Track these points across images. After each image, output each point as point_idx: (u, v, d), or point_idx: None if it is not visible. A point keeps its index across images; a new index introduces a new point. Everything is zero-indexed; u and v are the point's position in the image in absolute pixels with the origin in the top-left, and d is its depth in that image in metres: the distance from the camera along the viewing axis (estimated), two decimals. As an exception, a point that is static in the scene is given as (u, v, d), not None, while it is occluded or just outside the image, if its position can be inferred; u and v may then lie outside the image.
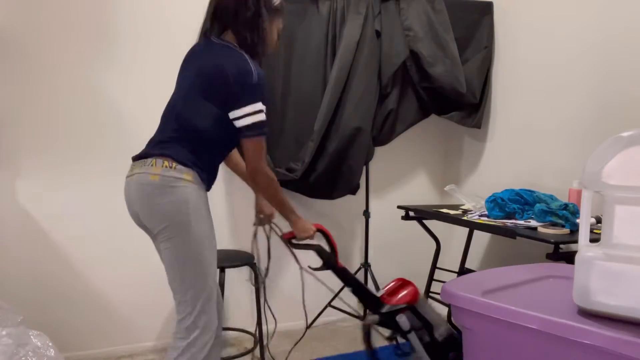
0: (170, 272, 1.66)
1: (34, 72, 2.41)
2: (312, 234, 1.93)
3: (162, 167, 1.61)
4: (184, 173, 1.61)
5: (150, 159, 1.64)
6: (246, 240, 2.88)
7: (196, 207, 1.63)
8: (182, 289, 1.65)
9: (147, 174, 1.61)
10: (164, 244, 1.64)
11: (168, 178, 1.59)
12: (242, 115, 1.64)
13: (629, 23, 2.17)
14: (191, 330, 1.64)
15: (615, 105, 2.23)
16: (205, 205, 1.69)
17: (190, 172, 1.63)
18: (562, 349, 1.20)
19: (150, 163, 1.63)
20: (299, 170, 2.72)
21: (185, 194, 1.60)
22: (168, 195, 1.59)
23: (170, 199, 1.59)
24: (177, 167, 1.61)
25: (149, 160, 1.64)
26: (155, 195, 1.60)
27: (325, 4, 2.77)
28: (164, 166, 1.61)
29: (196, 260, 1.64)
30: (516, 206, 2.20)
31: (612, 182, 1.23)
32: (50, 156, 2.46)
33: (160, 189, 1.60)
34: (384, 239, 3.26)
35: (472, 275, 1.70)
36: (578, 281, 1.26)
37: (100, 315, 2.59)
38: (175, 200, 1.59)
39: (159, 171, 1.60)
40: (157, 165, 1.61)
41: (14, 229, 2.42)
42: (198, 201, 1.64)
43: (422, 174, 3.36)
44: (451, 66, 2.81)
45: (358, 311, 3.08)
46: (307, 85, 2.77)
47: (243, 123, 1.64)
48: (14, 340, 1.72)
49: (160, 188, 1.60)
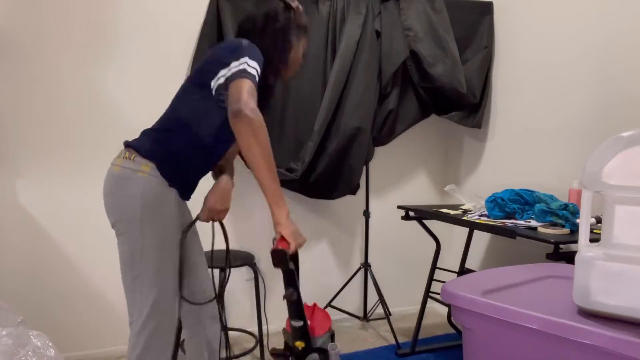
0: (121, 270, 1.54)
1: (34, 73, 2.41)
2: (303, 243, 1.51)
3: (123, 158, 1.52)
4: (142, 165, 1.49)
5: (122, 149, 1.58)
6: (246, 241, 2.90)
7: (152, 201, 1.48)
8: (130, 289, 1.53)
9: (112, 165, 1.55)
10: (117, 239, 1.54)
11: (125, 170, 1.50)
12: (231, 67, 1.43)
13: (630, 23, 2.17)
14: (140, 336, 1.51)
15: (615, 106, 2.23)
16: (164, 202, 1.51)
17: (149, 164, 1.49)
18: (562, 349, 1.20)
19: (119, 154, 1.57)
20: (299, 170, 2.72)
21: (140, 187, 1.48)
22: (123, 188, 1.49)
23: (124, 192, 1.49)
24: (136, 159, 1.50)
25: (120, 151, 1.58)
26: (112, 187, 1.52)
27: (325, 4, 2.77)
28: (124, 157, 1.52)
29: (145, 259, 1.50)
30: (516, 206, 2.20)
31: (612, 182, 1.23)
32: (50, 156, 2.46)
33: (118, 180, 1.51)
34: (384, 239, 3.26)
35: (472, 275, 1.70)
36: (578, 281, 1.26)
37: (100, 315, 2.59)
38: (128, 194, 1.48)
39: (120, 162, 1.53)
40: (120, 157, 1.55)
41: (14, 228, 2.42)
42: (155, 196, 1.49)
43: (422, 174, 3.36)
44: (451, 66, 2.81)
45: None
46: (307, 85, 2.76)
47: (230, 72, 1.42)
48: (14, 340, 1.71)
49: (118, 180, 1.51)
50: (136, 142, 1.56)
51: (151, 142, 1.53)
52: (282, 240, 1.45)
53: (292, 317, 1.58)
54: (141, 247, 1.50)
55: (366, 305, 3.14)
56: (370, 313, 3.14)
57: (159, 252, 1.51)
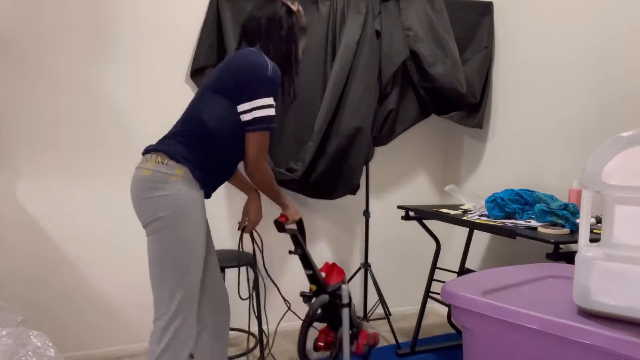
0: (150, 267, 1.63)
1: (34, 72, 2.41)
2: (300, 216, 2.06)
3: (155, 162, 1.60)
4: (176, 169, 1.59)
5: (149, 154, 1.65)
6: (246, 241, 2.90)
7: (184, 204, 1.59)
8: (159, 287, 1.62)
9: (142, 168, 1.62)
10: (149, 238, 1.63)
11: (159, 173, 1.58)
12: (250, 109, 1.61)
13: (630, 23, 2.17)
14: (166, 331, 1.60)
15: (615, 106, 2.23)
16: (196, 204, 1.63)
17: (182, 168, 1.60)
18: (562, 349, 1.20)
19: (147, 158, 1.64)
20: (299, 170, 2.72)
21: (174, 190, 1.58)
22: (156, 190, 1.57)
23: (158, 194, 1.57)
24: (169, 163, 1.59)
25: (147, 156, 1.65)
26: (144, 190, 1.59)
27: (325, 4, 2.77)
28: (156, 162, 1.60)
29: (175, 258, 1.60)
30: (516, 206, 2.20)
31: (612, 182, 1.23)
32: (50, 156, 2.46)
33: (150, 183, 1.59)
34: (384, 239, 3.26)
35: (472, 275, 1.70)
36: (578, 281, 1.26)
37: (100, 315, 2.59)
38: (162, 195, 1.57)
39: (151, 166, 1.60)
40: (151, 161, 1.62)
41: (13, 228, 2.42)
42: (187, 199, 1.60)
43: (422, 174, 3.37)
44: (451, 66, 2.81)
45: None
46: (307, 85, 2.76)
47: (250, 116, 1.61)
48: (14, 340, 1.72)
49: (150, 182, 1.59)
50: (167, 147, 1.63)
51: (182, 147, 1.62)
52: (283, 215, 2.04)
53: (304, 267, 2.14)
54: (173, 247, 1.59)
55: (366, 305, 3.14)
56: (370, 313, 3.14)
57: (189, 252, 1.61)
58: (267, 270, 2.30)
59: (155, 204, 1.58)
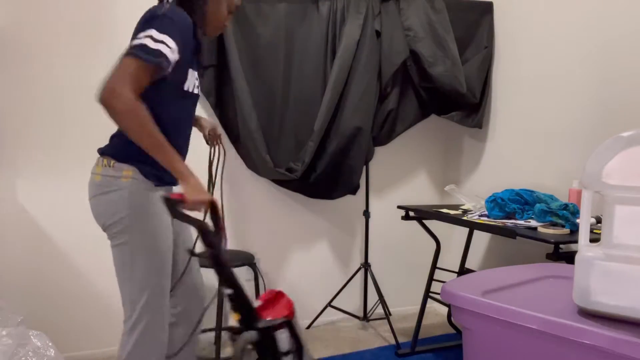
0: (115, 271, 1.58)
1: (34, 72, 2.41)
2: (207, 201, 1.42)
3: (103, 166, 1.54)
4: (123, 170, 1.51)
5: (98, 157, 1.58)
6: (246, 241, 2.90)
7: (138, 205, 1.51)
8: (122, 290, 1.57)
9: (94, 174, 1.57)
10: (110, 241, 1.57)
11: (107, 178, 1.52)
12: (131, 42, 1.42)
13: (630, 25, 2.17)
14: (131, 335, 1.56)
15: (615, 106, 2.23)
16: (153, 202, 1.53)
17: (130, 169, 1.51)
18: (562, 349, 1.20)
19: (97, 162, 1.57)
20: (299, 170, 2.72)
21: (124, 194, 1.50)
22: (106, 195, 1.51)
23: (108, 199, 1.51)
24: (115, 165, 1.51)
25: (98, 159, 1.58)
26: (96, 196, 1.54)
27: (325, 4, 2.77)
28: (104, 165, 1.53)
29: (136, 262, 1.52)
30: (516, 206, 2.20)
31: (612, 182, 1.23)
32: (50, 156, 2.46)
33: (100, 188, 1.53)
34: (384, 239, 3.26)
35: (472, 275, 1.70)
36: (578, 281, 1.26)
37: (100, 315, 2.59)
38: (111, 200, 1.51)
39: (100, 171, 1.54)
40: (99, 165, 1.55)
41: (13, 229, 2.42)
42: (141, 199, 1.52)
43: (422, 174, 3.36)
44: (451, 66, 2.81)
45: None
46: (307, 85, 2.76)
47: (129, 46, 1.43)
48: (14, 340, 1.72)
49: (100, 188, 1.53)
50: (110, 149, 1.56)
51: (124, 144, 1.48)
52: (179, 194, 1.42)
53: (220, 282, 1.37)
54: (131, 251, 1.53)
55: (366, 305, 3.14)
56: (370, 313, 3.14)
57: (150, 255, 1.53)
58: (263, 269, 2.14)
59: (107, 208, 1.52)
